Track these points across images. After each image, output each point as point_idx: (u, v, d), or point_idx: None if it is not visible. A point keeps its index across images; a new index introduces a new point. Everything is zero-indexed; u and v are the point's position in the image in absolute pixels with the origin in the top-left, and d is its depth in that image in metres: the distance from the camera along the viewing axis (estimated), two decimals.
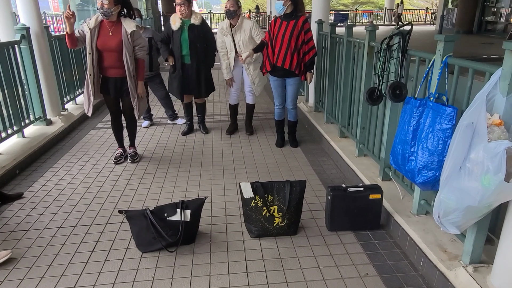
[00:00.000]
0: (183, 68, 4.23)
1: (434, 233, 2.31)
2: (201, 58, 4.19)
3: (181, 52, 4.15)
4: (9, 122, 3.91)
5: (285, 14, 3.72)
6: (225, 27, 4.15)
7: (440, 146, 2.06)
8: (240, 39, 4.12)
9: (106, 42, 3.36)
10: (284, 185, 2.50)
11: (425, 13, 27.15)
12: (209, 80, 4.43)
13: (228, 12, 4.04)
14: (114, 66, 3.43)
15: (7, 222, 2.77)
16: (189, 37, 4.07)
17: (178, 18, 4.09)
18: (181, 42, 4.11)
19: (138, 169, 3.68)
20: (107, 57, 3.40)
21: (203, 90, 4.39)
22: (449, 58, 2.15)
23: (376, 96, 2.92)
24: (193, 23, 4.08)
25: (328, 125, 4.49)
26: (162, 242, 2.35)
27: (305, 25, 3.71)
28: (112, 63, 3.42)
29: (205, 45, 4.18)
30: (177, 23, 4.07)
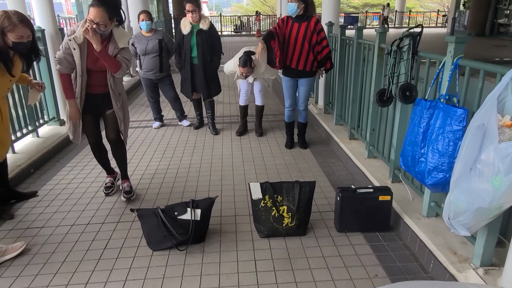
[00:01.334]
0: (192, 68, 4.42)
1: (444, 235, 2.30)
2: (206, 60, 4.39)
3: (190, 54, 4.37)
4: (24, 122, 4.00)
5: (297, 16, 3.73)
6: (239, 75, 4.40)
7: (450, 147, 2.05)
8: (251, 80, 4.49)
9: (97, 61, 2.72)
10: (293, 186, 2.52)
11: (436, 16, 26.90)
12: (215, 81, 4.60)
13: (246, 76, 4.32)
14: (100, 84, 2.83)
15: (22, 219, 2.83)
16: (197, 40, 4.29)
17: (188, 23, 4.29)
18: (191, 45, 4.34)
19: (149, 169, 3.73)
20: (94, 76, 2.79)
21: (212, 91, 4.59)
22: (460, 60, 2.15)
23: (386, 98, 2.93)
24: (201, 28, 4.28)
25: (337, 127, 4.49)
26: (173, 240, 2.38)
27: (317, 26, 3.72)
28: (99, 81, 2.81)
29: (212, 48, 4.38)
30: (187, 28, 4.29)
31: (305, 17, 3.72)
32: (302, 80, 3.92)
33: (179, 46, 4.43)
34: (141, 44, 4.60)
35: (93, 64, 2.73)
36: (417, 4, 37.75)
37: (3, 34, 2.36)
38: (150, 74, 4.71)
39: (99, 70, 2.76)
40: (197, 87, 4.53)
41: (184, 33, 4.29)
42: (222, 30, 22.84)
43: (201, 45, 4.29)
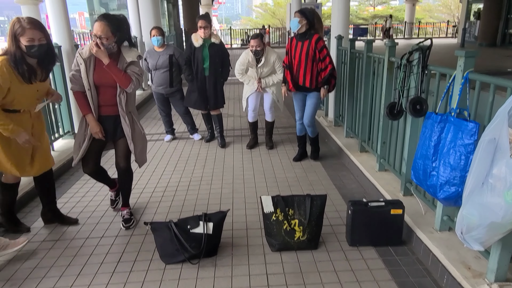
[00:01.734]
0: (205, 79, 4.57)
1: (458, 249, 2.28)
2: (218, 71, 4.55)
3: (203, 65, 4.52)
4: None
5: (300, 34, 3.80)
6: (251, 60, 4.38)
7: (462, 161, 2.05)
8: (264, 71, 4.41)
9: (104, 76, 2.72)
10: (304, 199, 2.53)
11: (446, 26, 26.85)
12: (222, 93, 4.72)
13: (256, 52, 4.28)
14: (110, 104, 2.79)
15: (38, 232, 2.89)
16: (210, 52, 4.46)
17: (200, 37, 4.45)
18: (203, 57, 4.49)
19: (161, 182, 3.77)
20: (103, 92, 2.77)
21: (220, 101, 4.71)
22: (470, 74, 2.16)
23: (396, 111, 2.94)
24: (213, 42, 4.47)
25: (348, 140, 4.49)
26: (185, 254, 2.40)
27: (318, 44, 3.75)
28: (109, 98, 2.78)
29: (222, 60, 4.56)
30: (199, 41, 4.46)
31: (307, 35, 3.78)
32: (309, 94, 3.95)
33: (190, 58, 4.56)
34: (152, 59, 4.71)
35: (100, 79, 2.73)
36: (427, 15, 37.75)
37: (17, 40, 2.40)
38: (160, 89, 4.80)
39: (108, 85, 2.75)
40: (206, 99, 4.63)
41: (196, 45, 4.46)
42: (231, 43, 23.15)
43: (213, 57, 4.49)
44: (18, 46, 2.42)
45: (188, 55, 4.57)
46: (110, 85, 2.75)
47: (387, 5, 38.63)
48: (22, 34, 2.39)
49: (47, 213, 3.01)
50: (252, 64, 4.39)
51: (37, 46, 2.44)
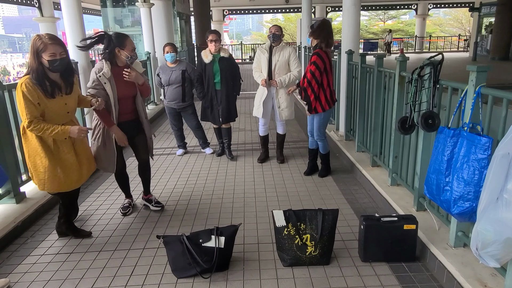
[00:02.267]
0: (217, 94, 4.62)
1: (473, 266, 2.24)
2: (229, 84, 4.60)
3: (214, 80, 4.58)
4: None
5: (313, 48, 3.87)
6: (266, 46, 4.45)
7: (476, 176, 2.03)
8: (277, 59, 4.34)
9: (125, 89, 3.08)
10: (316, 214, 2.53)
11: (458, 40, 26.77)
12: (234, 107, 4.77)
13: (274, 36, 4.32)
14: (129, 111, 3.18)
15: (52, 245, 2.93)
16: (220, 66, 4.53)
17: (209, 53, 4.54)
18: (214, 72, 4.56)
19: (173, 195, 3.81)
20: (123, 103, 3.10)
21: (232, 114, 4.75)
22: (482, 88, 2.16)
23: (408, 126, 2.93)
24: (223, 56, 4.55)
25: (359, 154, 4.48)
26: (197, 268, 2.41)
27: (312, 57, 3.80)
28: (128, 107, 3.16)
29: (233, 74, 4.61)
30: (209, 57, 4.54)
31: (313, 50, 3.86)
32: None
33: (201, 76, 4.62)
34: (165, 74, 4.80)
35: (123, 92, 3.09)
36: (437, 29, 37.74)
37: (39, 56, 2.53)
38: (173, 104, 4.88)
39: (128, 96, 3.14)
40: (218, 113, 4.68)
41: (206, 61, 4.53)
42: (242, 58, 23.46)
43: (224, 70, 4.53)
44: (40, 62, 2.55)
45: (199, 72, 4.64)
46: (130, 96, 3.17)
47: (397, 20, 38.74)
48: (45, 50, 2.52)
49: (62, 226, 3.05)
50: (265, 50, 4.38)
51: (59, 60, 2.57)
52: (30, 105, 2.51)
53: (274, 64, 4.34)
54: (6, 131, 3.29)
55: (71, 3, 4.71)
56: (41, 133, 2.59)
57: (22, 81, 2.53)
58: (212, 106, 4.69)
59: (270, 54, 4.38)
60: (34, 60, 2.53)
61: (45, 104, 2.59)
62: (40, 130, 2.56)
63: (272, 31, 4.36)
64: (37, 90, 2.54)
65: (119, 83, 3.03)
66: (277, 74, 4.35)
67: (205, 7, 17.90)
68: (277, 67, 4.34)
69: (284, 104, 4.45)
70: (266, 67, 4.39)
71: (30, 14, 36.45)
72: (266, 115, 4.63)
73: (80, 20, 4.81)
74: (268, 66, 4.37)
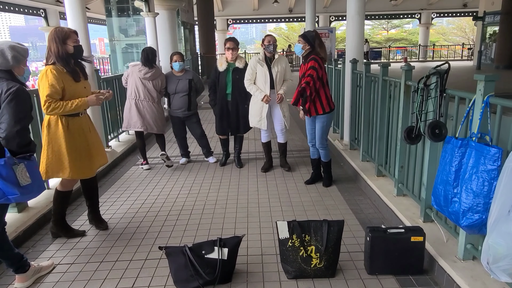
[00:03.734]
0: (227, 105, 4.65)
1: (484, 280, 2.17)
2: (241, 97, 4.57)
3: (225, 91, 4.58)
4: None
5: (304, 57, 3.85)
6: (262, 58, 4.34)
7: (485, 187, 1.99)
8: (277, 70, 4.34)
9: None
10: (321, 225, 2.48)
11: (461, 49, 26.78)
12: (245, 119, 4.65)
13: (269, 47, 4.27)
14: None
15: (53, 255, 2.90)
16: (232, 77, 4.51)
17: (225, 61, 4.53)
18: (226, 82, 4.56)
19: (176, 205, 3.77)
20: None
21: (241, 127, 4.72)
22: (491, 98, 2.12)
23: (414, 135, 2.89)
24: (237, 66, 4.53)
25: (364, 163, 4.43)
26: (200, 280, 2.36)
27: (309, 63, 3.74)
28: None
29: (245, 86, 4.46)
30: (224, 65, 4.53)
31: (308, 58, 3.80)
32: (318, 117, 3.93)
33: (215, 83, 4.63)
34: (172, 83, 4.79)
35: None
36: (441, 38, 37.81)
37: (65, 43, 2.80)
38: (178, 112, 4.87)
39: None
40: (229, 125, 4.71)
41: (220, 70, 4.55)
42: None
43: (236, 82, 4.52)
44: (65, 49, 2.81)
45: (213, 79, 4.66)
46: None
47: (400, 29, 38.88)
48: (69, 37, 2.82)
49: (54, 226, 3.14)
50: (263, 62, 4.29)
51: (80, 46, 2.92)
52: (52, 89, 2.74)
53: (275, 75, 4.31)
54: None
55: (76, 13, 4.73)
56: (62, 110, 2.78)
57: (47, 68, 2.77)
58: (222, 116, 4.70)
59: (268, 66, 4.30)
60: (59, 48, 2.77)
61: (71, 88, 2.84)
62: (61, 107, 2.77)
63: (268, 42, 4.27)
64: (62, 75, 2.79)
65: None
66: (278, 84, 4.36)
67: (209, 16, 18.06)
68: (278, 78, 4.33)
69: (288, 113, 4.49)
70: (267, 79, 4.29)
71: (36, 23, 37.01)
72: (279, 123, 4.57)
73: (85, 29, 4.82)
74: (270, 77, 4.30)
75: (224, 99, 4.62)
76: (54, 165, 2.89)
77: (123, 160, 5.42)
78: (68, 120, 2.88)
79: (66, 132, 2.86)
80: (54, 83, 2.73)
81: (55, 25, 16.11)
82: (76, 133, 2.93)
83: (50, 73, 2.74)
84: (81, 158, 2.96)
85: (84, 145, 2.99)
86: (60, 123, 2.85)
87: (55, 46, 2.77)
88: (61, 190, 3.07)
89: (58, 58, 2.79)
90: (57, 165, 2.89)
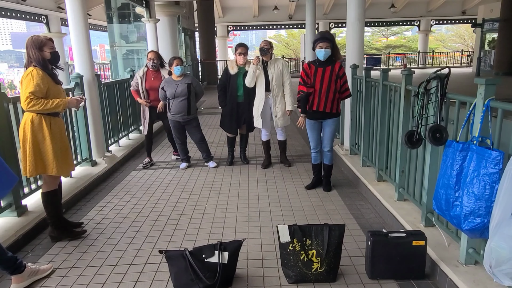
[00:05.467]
0: (238, 106, 4.91)
1: (486, 284, 2.16)
2: (251, 99, 4.85)
3: (237, 93, 4.86)
4: None
5: (321, 61, 3.81)
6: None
7: (487, 191, 1.98)
8: (273, 71, 4.63)
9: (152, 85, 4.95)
10: (322, 229, 2.47)
11: (461, 56, 26.90)
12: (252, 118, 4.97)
13: (262, 50, 4.63)
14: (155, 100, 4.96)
15: (53, 260, 2.88)
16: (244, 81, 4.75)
17: (235, 65, 4.80)
18: (237, 85, 4.84)
19: (176, 209, 3.75)
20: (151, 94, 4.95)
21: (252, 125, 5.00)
22: (491, 102, 2.12)
23: (415, 139, 2.89)
24: (247, 70, 4.73)
25: (365, 168, 4.42)
26: (200, 284, 2.34)
27: (341, 70, 3.81)
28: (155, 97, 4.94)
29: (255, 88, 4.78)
30: (235, 69, 4.82)
31: (330, 61, 3.80)
32: (327, 121, 3.94)
33: (225, 85, 4.89)
34: (171, 88, 4.80)
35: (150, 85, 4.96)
36: (440, 45, 37.99)
37: (41, 50, 2.89)
38: (178, 117, 4.87)
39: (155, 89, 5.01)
40: (241, 122, 4.97)
41: (231, 73, 4.82)
42: None
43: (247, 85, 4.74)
44: (42, 55, 2.89)
45: (223, 81, 4.93)
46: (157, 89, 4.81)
47: (400, 36, 39.08)
48: (45, 45, 2.91)
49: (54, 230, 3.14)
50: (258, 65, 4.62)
51: (56, 52, 3.02)
52: (37, 88, 2.81)
53: (271, 77, 4.63)
54: (10, 144, 3.29)
55: (78, 19, 4.75)
56: (42, 107, 2.85)
57: (33, 69, 2.85)
58: (232, 116, 4.94)
59: (264, 68, 4.65)
60: (36, 54, 2.86)
61: (55, 89, 2.96)
62: (42, 105, 2.84)
63: (261, 46, 4.65)
64: (47, 76, 2.90)
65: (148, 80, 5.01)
66: (275, 85, 4.64)
67: (209, 23, 18.16)
68: (274, 79, 4.63)
69: (280, 113, 4.73)
70: (263, 81, 4.66)
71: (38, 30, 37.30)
72: (266, 125, 4.91)
73: (86, 36, 4.85)
74: (265, 79, 4.64)
75: (235, 100, 4.87)
76: (38, 162, 2.94)
77: (123, 165, 5.41)
78: (51, 119, 2.97)
79: (49, 130, 2.95)
80: (40, 82, 2.82)
81: (56, 31, 16.18)
82: (58, 133, 3.02)
83: (36, 73, 2.83)
84: (63, 156, 3.05)
85: (65, 145, 3.11)
86: (43, 121, 2.92)
87: (34, 52, 2.87)
88: (46, 191, 3.07)
89: (38, 63, 2.88)
90: (41, 161, 2.95)
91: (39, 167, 2.95)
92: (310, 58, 9.72)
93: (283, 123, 4.80)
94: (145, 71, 5.03)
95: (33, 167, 2.92)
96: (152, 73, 5.04)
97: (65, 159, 3.08)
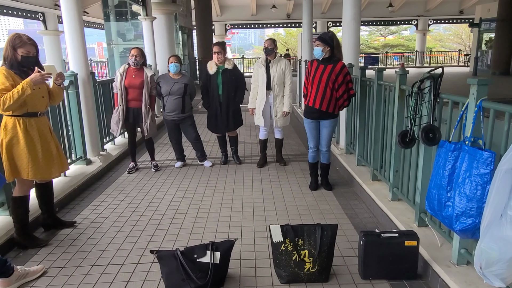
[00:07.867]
0: (220, 105, 4.85)
1: (478, 285, 2.16)
2: (230, 96, 4.81)
3: (218, 92, 4.79)
4: None
5: (324, 59, 3.81)
6: (262, 60, 4.73)
7: (478, 191, 1.98)
8: (275, 71, 4.65)
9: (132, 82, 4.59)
10: (315, 229, 2.46)
11: (458, 55, 26.93)
12: (237, 114, 4.98)
13: (266, 50, 4.66)
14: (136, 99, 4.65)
15: (44, 259, 2.86)
16: (223, 79, 4.73)
17: (214, 64, 4.74)
18: (218, 83, 4.77)
19: (170, 209, 3.74)
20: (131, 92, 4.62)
21: (232, 124, 4.95)
22: (483, 102, 2.12)
23: (408, 139, 2.89)
24: (226, 68, 4.72)
25: (359, 168, 4.42)
26: (191, 284, 2.33)
27: (344, 69, 3.79)
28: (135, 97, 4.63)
29: (236, 85, 4.82)
30: (214, 69, 4.75)
31: (332, 60, 3.79)
32: (324, 122, 3.93)
33: (206, 86, 4.84)
34: (166, 84, 4.77)
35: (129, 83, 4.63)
36: (438, 44, 38.02)
37: (14, 50, 2.83)
38: (172, 115, 4.85)
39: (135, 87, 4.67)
40: (226, 121, 4.91)
41: (210, 73, 4.76)
42: (244, 71, 23.67)
43: (226, 83, 4.74)
44: (14, 55, 2.84)
45: (204, 82, 4.88)
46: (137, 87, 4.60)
47: (397, 35, 39.08)
48: (21, 47, 2.84)
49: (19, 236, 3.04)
50: (261, 64, 4.69)
51: (31, 57, 2.91)
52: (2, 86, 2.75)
53: (273, 76, 4.63)
54: None
55: (73, 17, 4.72)
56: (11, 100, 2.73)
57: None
58: (217, 116, 4.90)
59: (267, 67, 4.65)
60: (10, 53, 2.82)
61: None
62: (10, 97, 2.73)
63: (265, 46, 4.67)
64: (13, 75, 2.82)
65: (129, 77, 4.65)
66: (276, 84, 4.64)
67: (207, 21, 18.09)
68: (275, 79, 4.64)
69: (280, 113, 4.75)
70: (264, 80, 4.66)
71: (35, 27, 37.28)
72: (266, 124, 4.91)
73: (81, 34, 4.81)
74: (267, 78, 4.64)
75: (217, 100, 4.81)
76: (13, 166, 2.88)
77: (118, 164, 5.39)
78: (26, 121, 2.88)
79: (24, 133, 2.87)
80: (4, 81, 2.76)
81: (53, 29, 16.12)
82: (36, 135, 2.93)
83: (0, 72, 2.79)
84: (40, 159, 2.94)
85: (46, 147, 3.00)
86: (17, 124, 2.86)
87: (9, 49, 2.83)
88: (17, 195, 2.98)
89: (7, 60, 2.84)
90: (15, 166, 2.89)
91: (14, 171, 2.88)
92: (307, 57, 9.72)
93: (283, 123, 4.81)
94: (126, 68, 4.64)
95: (9, 171, 2.86)
96: (133, 70, 4.62)
97: (47, 161, 2.99)
